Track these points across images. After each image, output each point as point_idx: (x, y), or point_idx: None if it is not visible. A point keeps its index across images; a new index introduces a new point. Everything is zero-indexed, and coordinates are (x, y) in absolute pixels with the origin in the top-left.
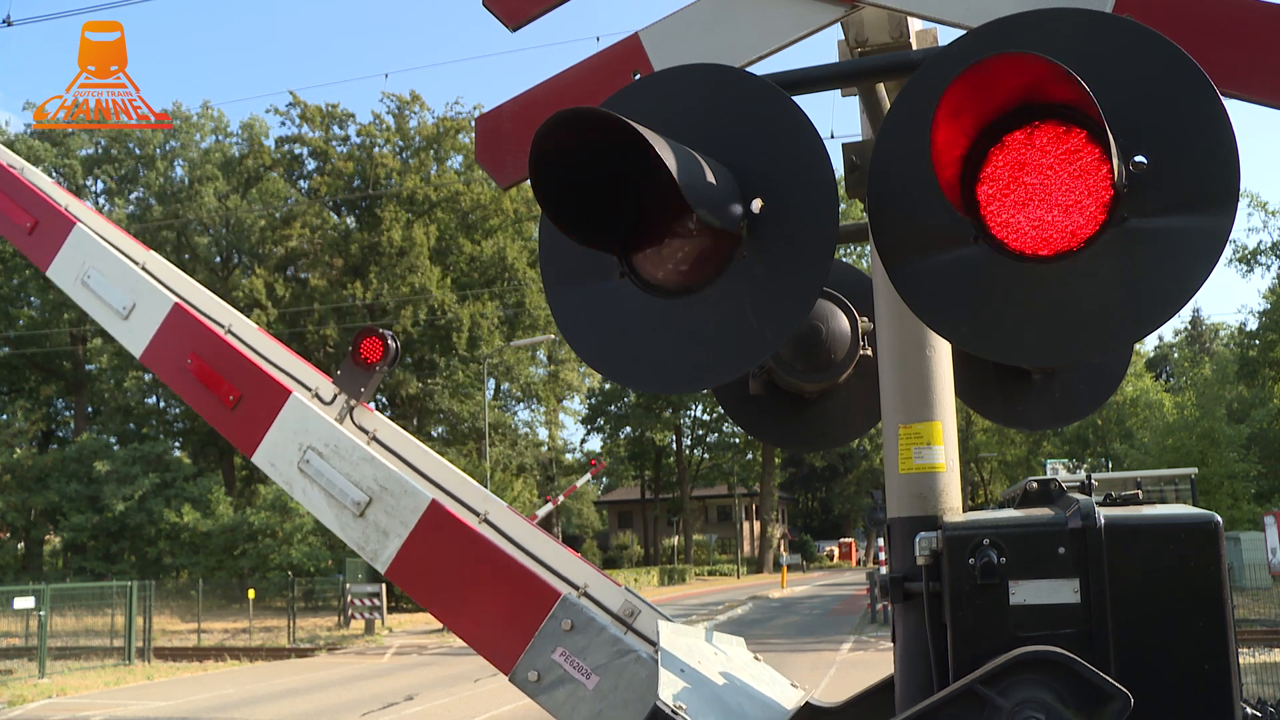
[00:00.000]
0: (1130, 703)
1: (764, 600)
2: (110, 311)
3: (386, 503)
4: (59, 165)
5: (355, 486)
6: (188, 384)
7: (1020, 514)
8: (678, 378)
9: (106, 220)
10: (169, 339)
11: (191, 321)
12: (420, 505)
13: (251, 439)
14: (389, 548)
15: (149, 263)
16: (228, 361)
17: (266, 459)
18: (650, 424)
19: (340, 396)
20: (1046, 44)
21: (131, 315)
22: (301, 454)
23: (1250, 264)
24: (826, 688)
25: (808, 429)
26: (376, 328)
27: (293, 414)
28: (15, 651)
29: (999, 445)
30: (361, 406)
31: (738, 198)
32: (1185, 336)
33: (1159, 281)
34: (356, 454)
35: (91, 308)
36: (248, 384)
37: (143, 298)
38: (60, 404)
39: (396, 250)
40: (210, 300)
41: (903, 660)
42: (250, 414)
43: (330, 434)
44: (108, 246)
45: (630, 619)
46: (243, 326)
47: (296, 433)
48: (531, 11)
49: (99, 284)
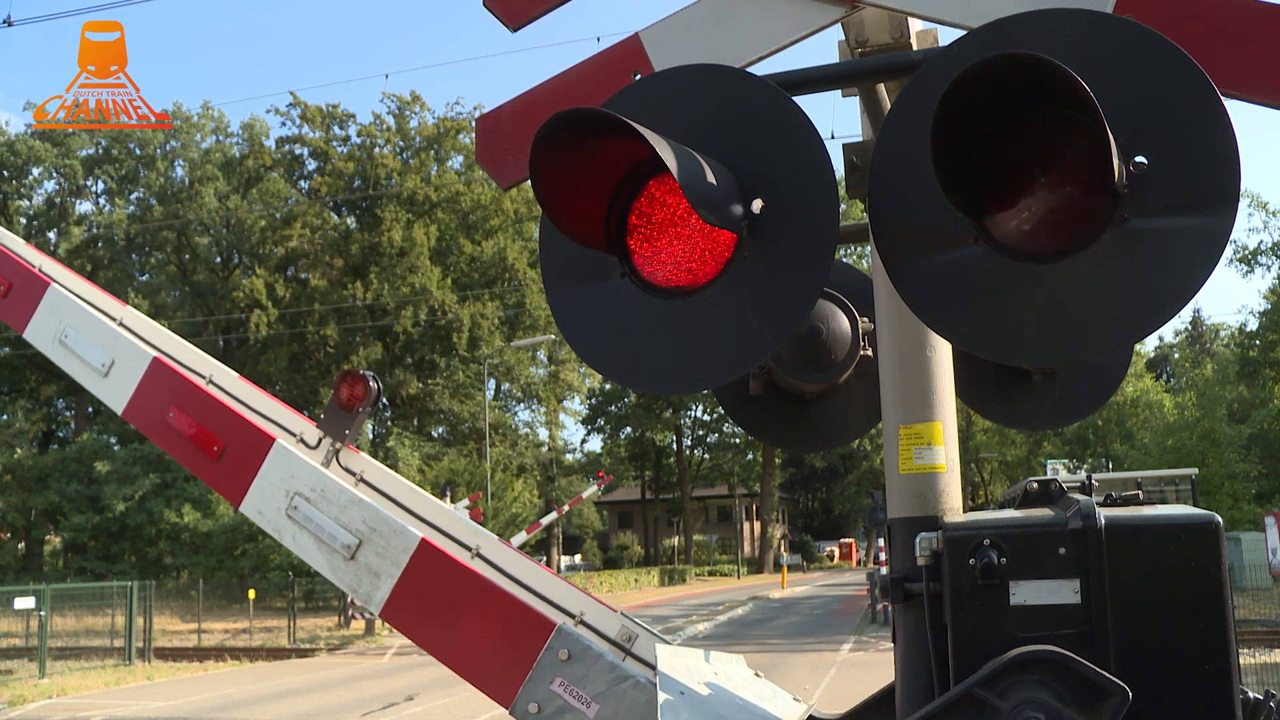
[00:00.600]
0: (1128, 697)
1: (764, 600)
2: (89, 369)
3: (376, 544)
4: (59, 165)
5: (344, 530)
6: (171, 437)
7: (1021, 514)
8: (678, 378)
9: (80, 277)
10: (150, 393)
11: (171, 374)
12: (410, 544)
13: (238, 489)
14: (381, 589)
15: (126, 318)
16: (210, 412)
17: (254, 508)
18: (650, 424)
19: (325, 440)
20: (1047, 44)
21: (111, 372)
22: (289, 500)
23: (1250, 264)
24: (827, 688)
25: (808, 429)
26: (357, 369)
27: (278, 461)
28: (15, 651)
29: (999, 446)
30: (347, 449)
31: (738, 198)
32: (1186, 337)
33: (1159, 282)
34: (344, 497)
35: (70, 367)
36: (231, 434)
37: (121, 354)
38: (60, 404)
39: (397, 250)
40: (190, 352)
41: (903, 661)
42: (235, 464)
43: (317, 478)
44: (83, 304)
45: (628, 644)
46: (224, 376)
47: (283, 479)
48: (532, 12)
49: (76, 343)
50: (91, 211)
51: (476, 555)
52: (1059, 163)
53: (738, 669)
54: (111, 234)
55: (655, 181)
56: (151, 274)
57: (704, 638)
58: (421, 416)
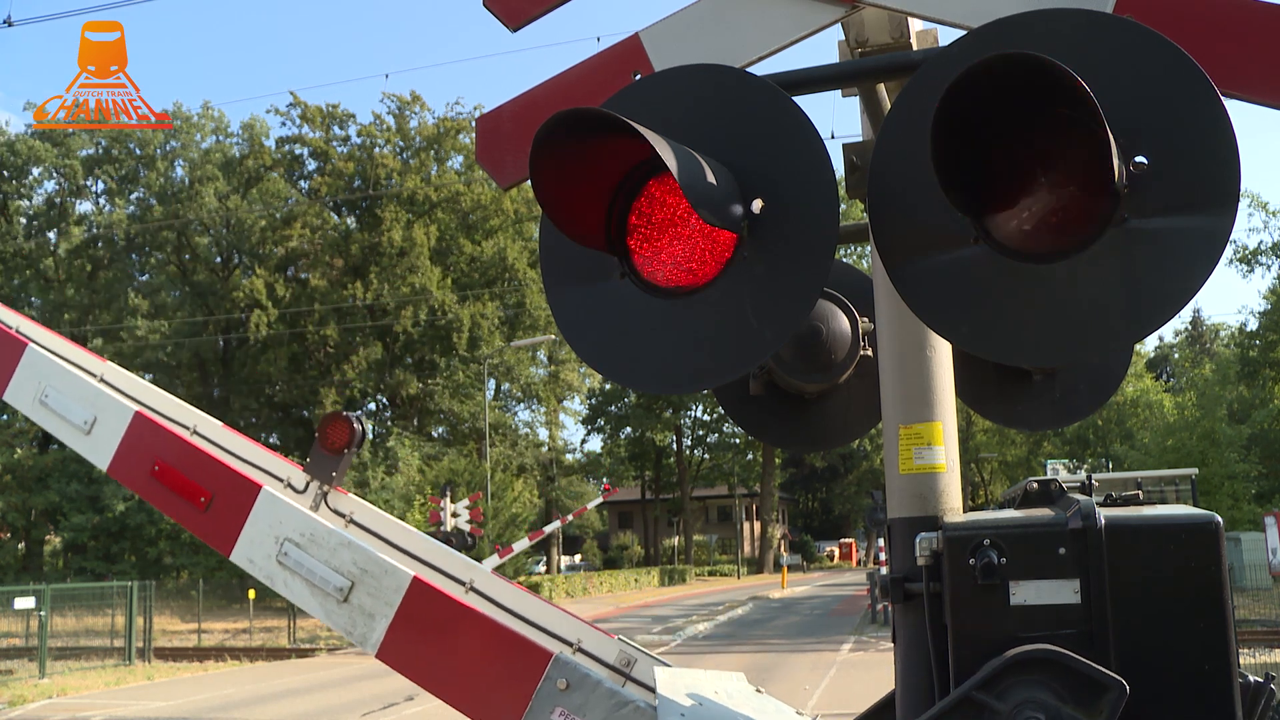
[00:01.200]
0: (1125, 691)
1: (764, 600)
2: (71, 428)
3: (369, 585)
4: (59, 165)
5: (336, 573)
6: (157, 491)
7: (1021, 514)
8: (678, 378)
9: (57, 335)
10: (133, 449)
11: (154, 428)
12: (403, 583)
13: (227, 538)
14: (376, 629)
15: (106, 373)
16: (195, 463)
17: (245, 556)
18: (650, 424)
19: (313, 484)
20: (1047, 44)
21: (93, 429)
22: (279, 547)
23: (1250, 264)
24: (827, 688)
25: (808, 429)
26: (341, 411)
27: (265, 508)
28: (15, 651)
29: (999, 446)
30: (335, 491)
31: (738, 198)
32: (1186, 337)
33: (1159, 282)
34: (333, 540)
35: (52, 426)
36: (217, 484)
37: (103, 410)
38: None
39: (397, 250)
40: (172, 404)
41: (903, 661)
42: (223, 513)
43: (305, 523)
44: (62, 363)
45: (627, 668)
46: (208, 426)
47: (271, 526)
48: (532, 12)
49: (57, 402)
50: (91, 211)
51: (470, 589)
52: (1059, 163)
53: (738, 686)
54: (111, 234)
55: (655, 181)
56: (151, 274)
57: (704, 638)
58: (421, 416)
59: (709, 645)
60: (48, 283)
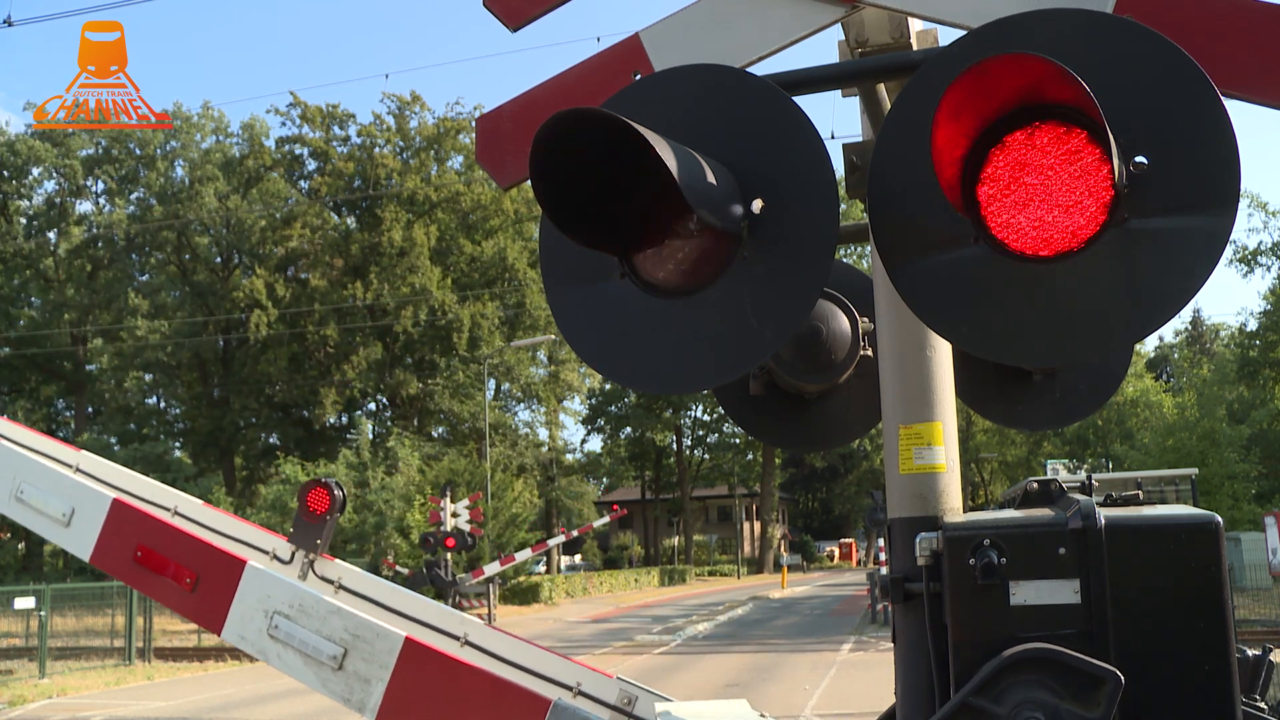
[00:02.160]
0: (1121, 682)
1: (764, 600)
2: (50, 521)
3: (362, 650)
4: (59, 165)
5: (328, 641)
6: (142, 576)
7: (1021, 514)
8: (678, 378)
9: (29, 429)
10: (114, 536)
11: (134, 514)
12: (395, 645)
13: (217, 617)
14: (374, 694)
15: (82, 462)
16: (177, 545)
17: (236, 633)
18: (650, 424)
19: (298, 553)
20: (1047, 44)
21: (72, 521)
22: (269, 621)
23: (1250, 264)
24: (827, 688)
25: (808, 429)
26: (320, 479)
27: (252, 583)
28: (15, 651)
29: (999, 446)
30: (322, 558)
31: (738, 198)
32: (1186, 337)
33: (1159, 282)
34: (323, 608)
35: (30, 521)
36: (201, 563)
37: (80, 501)
38: (61, 404)
39: (397, 250)
40: (152, 487)
41: (903, 661)
42: (210, 592)
43: (293, 594)
44: (35, 457)
45: (629, 707)
46: (189, 505)
47: (260, 600)
48: (532, 12)
49: (33, 496)
50: (91, 211)
51: (465, 643)
52: (1059, 163)
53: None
54: (111, 234)
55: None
56: (151, 274)
57: (704, 638)
58: (421, 416)
59: (709, 645)
60: (48, 283)
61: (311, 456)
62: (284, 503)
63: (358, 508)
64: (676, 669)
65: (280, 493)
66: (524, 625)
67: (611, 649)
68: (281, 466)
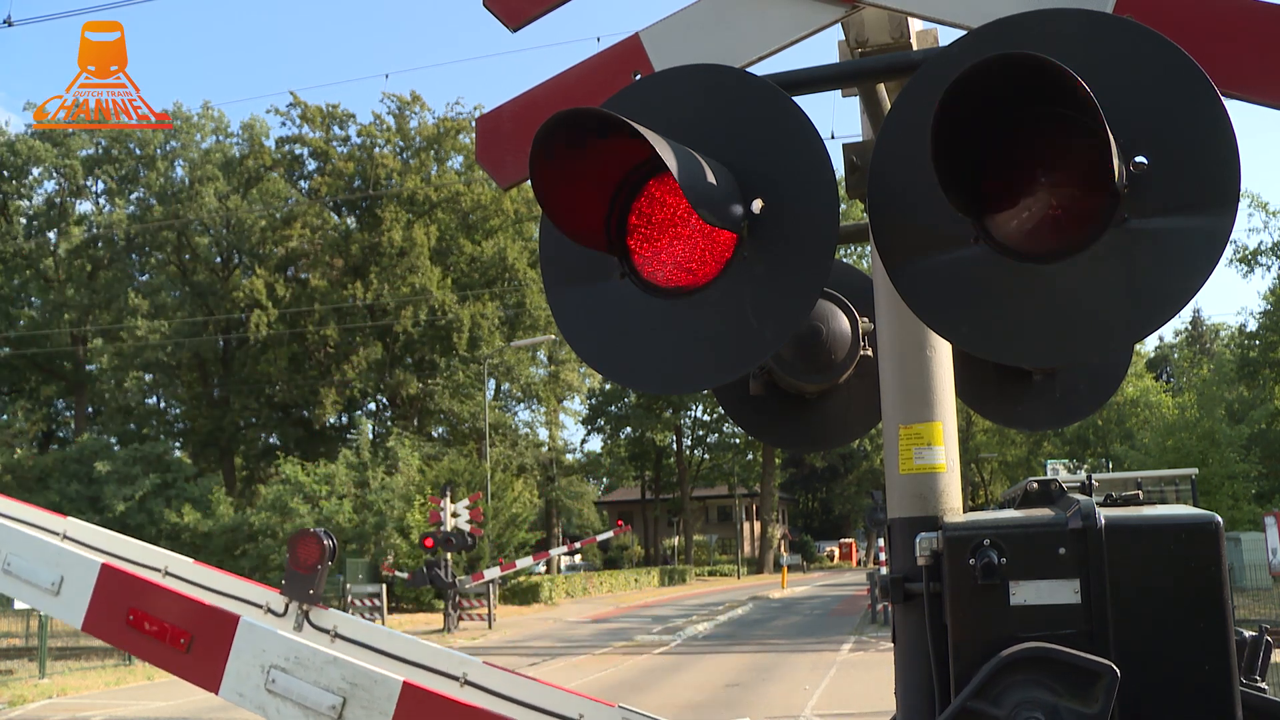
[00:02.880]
0: (1117, 675)
1: (764, 600)
2: (39, 591)
3: (361, 698)
4: (59, 165)
5: (326, 691)
6: (135, 639)
7: (1021, 514)
8: (678, 378)
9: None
10: (105, 602)
11: (123, 577)
12: (394, 691)
13: (213, 676)
14: None
15: (69, 529)
16: (168, 606)
17: (234, 690)
18: (650, 424)
19: (292, 605)
20: (1047, 44)
21: (62, 589)
22: (266, 676)
23: (1250, 264)
24: (827, 688)
25: (808, 429)
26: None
27: (246, 639)
28: (15, 651)
29: (999, 446)
30: (317, 608)
31: (738, 198)
32: (1185, 337)
33: (1159, 282)
34: (319, 659)
35: (19, 593)
36: (194, 623)
37: (69, 568)
38: (61, 404)
39: (397, 250)
40: (141, 549)
41: (903, 661)
42: (205, 651)
43: (288, 647)
44: (20, 528)
45: None
46: (179, 565)
47: (255, 655)
48: (532, 12)
49: (21, 568)
50: (91, 211)
51: (465, 683)
52: (1059, 163)
53: None
54: (111, 234)
55: (655, 181)
56: (151, 274)
57: (704, 638)
58: (421, 416)
59: (709, 645)
60: (48, 283)
61: (311, 456)
62: (284, 503)
63: (358, 508)
64: (676, 669)
65: (280, 493)
66: (524, 625)
67: (611, 649)
68: (281, 466)
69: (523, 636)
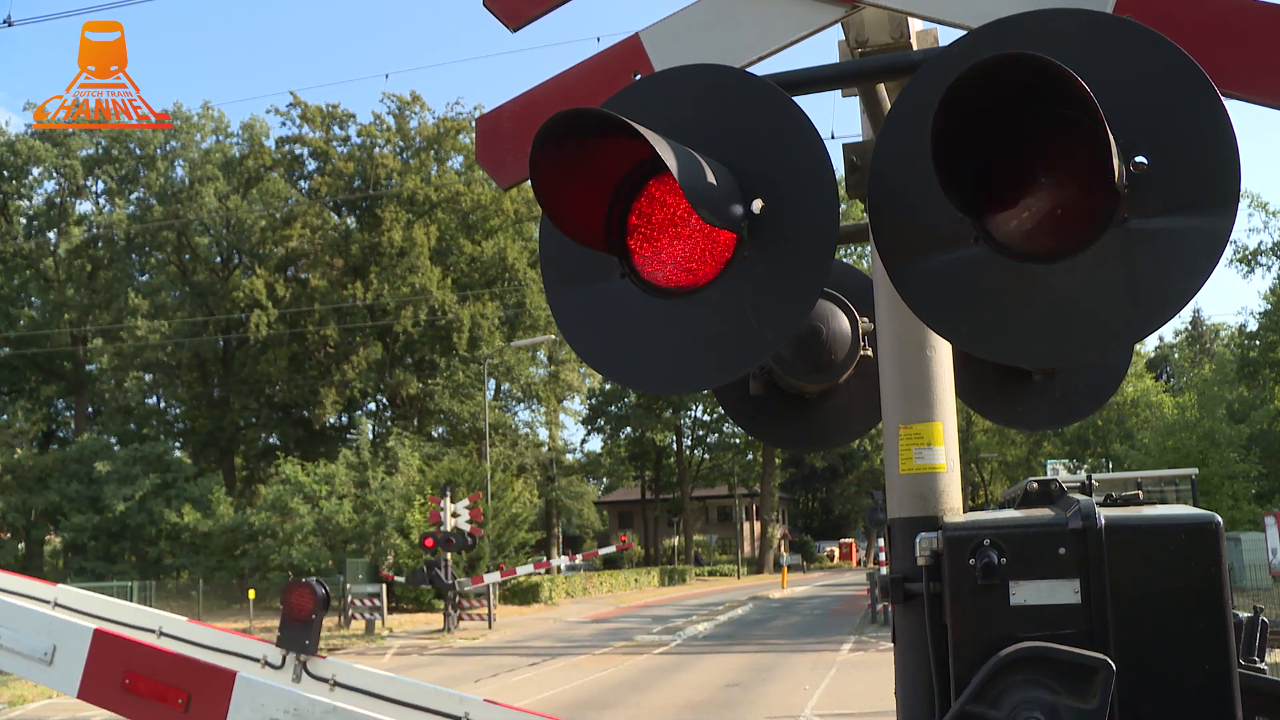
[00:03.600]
0: (1113, 669)
1: (764, 600)
2: (32, 662)
3: None
4: (59, 165)
5: None
6: (132, 704)
7: (1021, 514)
8: (678, 378)
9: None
10: (100, 667)
11: (117, 642)
12: None
13: None
14: None
15: (60, 597)
16: (165, 666)
17: None
18: (650, 424)
19: (289, 656)
20: (1047, 44)
21: (55, 658)
22: None
23: (1250, 264)
24: (827, 688)
25: (808, 429)
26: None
27: (245, 694)
28: None
29: (999, 446)
30: (314, 658)
31: (738, 198)
32: (1186, 337)
33: (1159, 282)
34: (318, 709)
35: (11, 665)
36: (191, 682)
37: (61, 637)
38: (61, 404)
39: (397, 250)
40: (133, 611)
41: (903, 661)
42: (204, 709)
43: (287, 700)
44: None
45: None
46: (173, 624)
47: (254, 710)
48: (532, 12)
49: (12, 640)
50: (91, 211)
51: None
52: (1059, 163)
53: None
54: (111, 234)
55: (655, 181)
56: (151, 274)
57: (704, 638)
58: (421, 416)
59: (709, 645)
60: (48, 283)
61: (311, 456)
62: (284, 503)
63: (358, 508)
64: (677, 669)
65: (280, 493)
66: (524, 625)
67: (611, 649)
68: (281, 466)
69: (523, 636)
